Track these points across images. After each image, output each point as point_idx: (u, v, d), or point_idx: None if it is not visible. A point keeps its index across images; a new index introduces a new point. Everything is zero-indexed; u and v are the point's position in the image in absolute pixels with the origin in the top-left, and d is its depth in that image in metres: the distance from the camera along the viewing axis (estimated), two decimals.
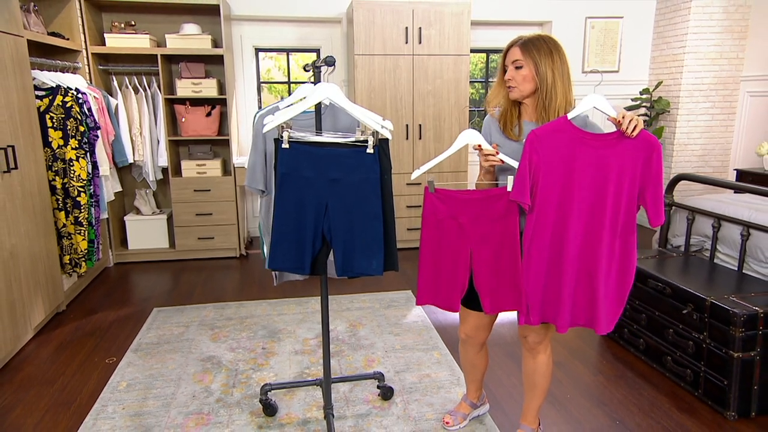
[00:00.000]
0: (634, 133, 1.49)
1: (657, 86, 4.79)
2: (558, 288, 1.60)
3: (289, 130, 1.65)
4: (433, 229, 1.72)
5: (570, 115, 1.56)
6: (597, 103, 1.54)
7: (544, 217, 1.56)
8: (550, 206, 1.56)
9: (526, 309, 1.63)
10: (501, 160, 1.63)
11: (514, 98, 1.69)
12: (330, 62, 1.70)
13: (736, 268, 2.56)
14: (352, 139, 1.67)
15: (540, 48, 1.61)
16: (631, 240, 1.56)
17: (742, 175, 4.32)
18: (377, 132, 1.66)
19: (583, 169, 1.53)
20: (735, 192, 3.59)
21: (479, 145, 1.65)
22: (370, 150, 1.65)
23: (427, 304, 1.80)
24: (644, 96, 4.80)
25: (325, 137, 1.70)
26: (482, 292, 1.70)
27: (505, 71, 1.69)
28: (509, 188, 1.61)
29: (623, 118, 1.50)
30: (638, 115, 4.95)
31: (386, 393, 2.24)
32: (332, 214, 1.69)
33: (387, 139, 1.69)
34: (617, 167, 1.51)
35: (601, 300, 1.57)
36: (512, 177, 1.60)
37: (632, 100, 4.89)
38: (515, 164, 1.60)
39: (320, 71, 1.81)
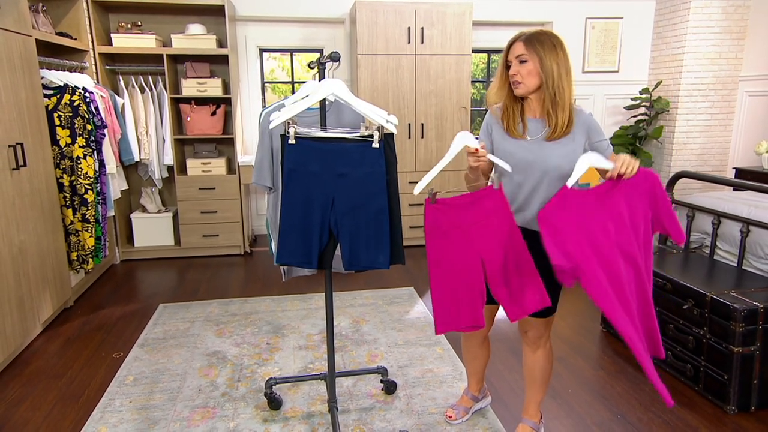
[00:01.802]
0: (633, 172, 1.53)
1: (656, 86, 4.82)
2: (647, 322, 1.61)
3: (295, 126, 1.68)
4: (439, 242, 1.64)
5: (569, 183, 1.55)
6: (592, 162, 1.54)
7: (594, 275, 1.54)
8: (592, 264, 1.54)
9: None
10: (488, 160, 1.60)
11: (519, 94, 1.67)
12: (335, 58, 1.70)
13: (736, 265, 2.58)
14: (358, 135, 1.70)
15: (544, 42, 1.61)
16: (650, 263, 1.61)
17: (741, 173, 4.33)
18: (382, 127, 1.68)
19: (603, 223, 1.54)
20: (734, 189, 3.62)
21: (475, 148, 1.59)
22: (375, 144, 1.68)
23: (449, 330, 1.66)
24: (644, 96, 4.83)
25: (331, 132, 1.73)
26: (503, 301, 1.63)
27: (507, 68, 1.68)
28: (495, 186, 1.61)
29: (621, 164, 1.52)
30: (639, 114, 4.97)
31: (389, 387, 2.26)
32: (339, 209, 1.71)
33: (392, 134, 1.71)
34: (628, 207, 1.54)
35: (656, 322, 1.62)
36: (496, 176, 1.63)
37: (632, 99, 4.92)
38: (503, 164, 1.60)
39: (324, 68, 1.83)
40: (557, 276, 1.53)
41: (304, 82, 4.66)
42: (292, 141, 1.68)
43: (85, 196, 3.16)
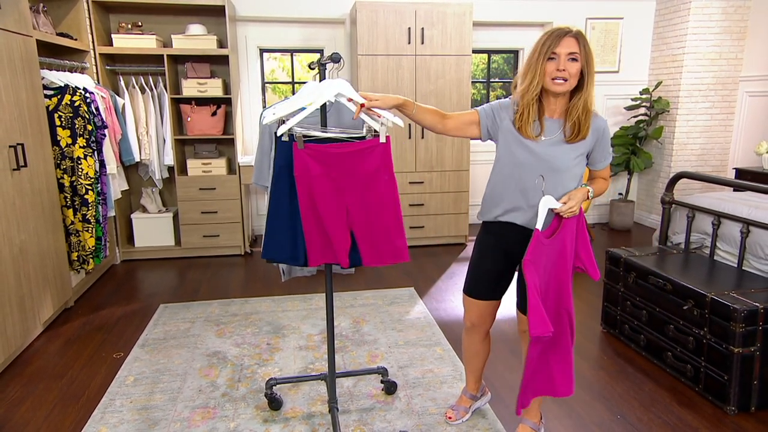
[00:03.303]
0: (573, 214, 1.64)
1: (657, 86, 4.82)
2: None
3: (289, 125, 1.67)
4: (307, 188, 1.66)
5: (539, 226, 1.63)
6: (549, 204, 1.63)
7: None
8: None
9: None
10: (376, 113, 1.67)
11: (560, 91, 1.60)
12: (336, 59, 1.68)
13: (736, 265, 2.58)
14: (352, 135, 1.70)
15: (588, 44, 1.61)
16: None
17: (741, 174, 4.33)
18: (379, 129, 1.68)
19: (552, 260, 1.67)
20: (734, 190, 3.62)
21: (350, 99, 1.66)
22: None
23: (322, 263, 1.78)
24: (644, 96, 4.83)
25: (330, 133, 1.72)
26: (362, 248, 1.75)
27: (547, 60, 1.58)
28: (382, 139, 1.67)
29: (566, 207, 1.62)
30: (639, 115, 4.97)
31: (390, 388, 2.26)
32: None
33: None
34: (563, 246, 1.67)
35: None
36: (383, 127, 1.68)
37: (632, 100, 4.92)
38: (396, 120, 1.71)
39: (325, 69, 1.83)
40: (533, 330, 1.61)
41: (304, 83, 4.66)
42: (285, 138, 1.67)
43: (85, 196, 3.17)
